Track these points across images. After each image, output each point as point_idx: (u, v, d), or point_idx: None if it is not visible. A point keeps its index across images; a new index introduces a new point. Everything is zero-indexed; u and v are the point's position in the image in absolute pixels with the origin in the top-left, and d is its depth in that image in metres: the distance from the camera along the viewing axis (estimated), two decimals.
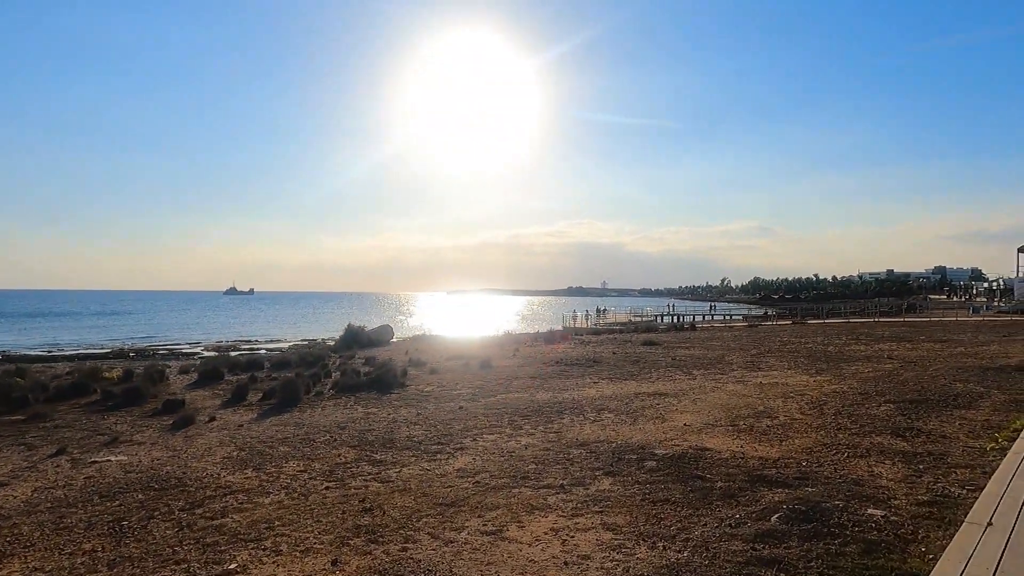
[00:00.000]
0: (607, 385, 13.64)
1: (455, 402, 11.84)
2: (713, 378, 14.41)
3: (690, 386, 13.19)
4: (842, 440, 8.03)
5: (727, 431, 8.71)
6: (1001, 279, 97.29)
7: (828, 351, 20.08)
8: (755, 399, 11.38)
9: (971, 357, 17.55)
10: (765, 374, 15.01)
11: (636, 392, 12.50)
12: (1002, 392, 11.66)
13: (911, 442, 7.88)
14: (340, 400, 12.50)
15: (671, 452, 7.53)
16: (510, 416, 10.18)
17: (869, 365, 16.29)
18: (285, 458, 7.82)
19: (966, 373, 14.19)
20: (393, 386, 14.00)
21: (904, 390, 11.98)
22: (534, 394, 12.56)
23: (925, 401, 10.75)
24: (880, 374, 14.47)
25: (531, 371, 16.38)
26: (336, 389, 13.80)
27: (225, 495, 6.36)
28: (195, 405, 12.19)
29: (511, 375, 15.63)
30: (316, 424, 10.02)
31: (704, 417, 9.75)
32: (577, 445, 8.05)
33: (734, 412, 10.13)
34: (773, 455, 7.34)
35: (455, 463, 7.37)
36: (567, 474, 6.76)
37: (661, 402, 11.22)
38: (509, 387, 13.62)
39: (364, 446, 8.35)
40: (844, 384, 13.03)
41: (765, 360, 17.85)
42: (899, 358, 17.77)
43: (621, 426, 9.22)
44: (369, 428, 9.57)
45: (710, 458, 7.25)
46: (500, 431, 9.06)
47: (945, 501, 5.57)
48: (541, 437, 8.61)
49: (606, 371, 16.01)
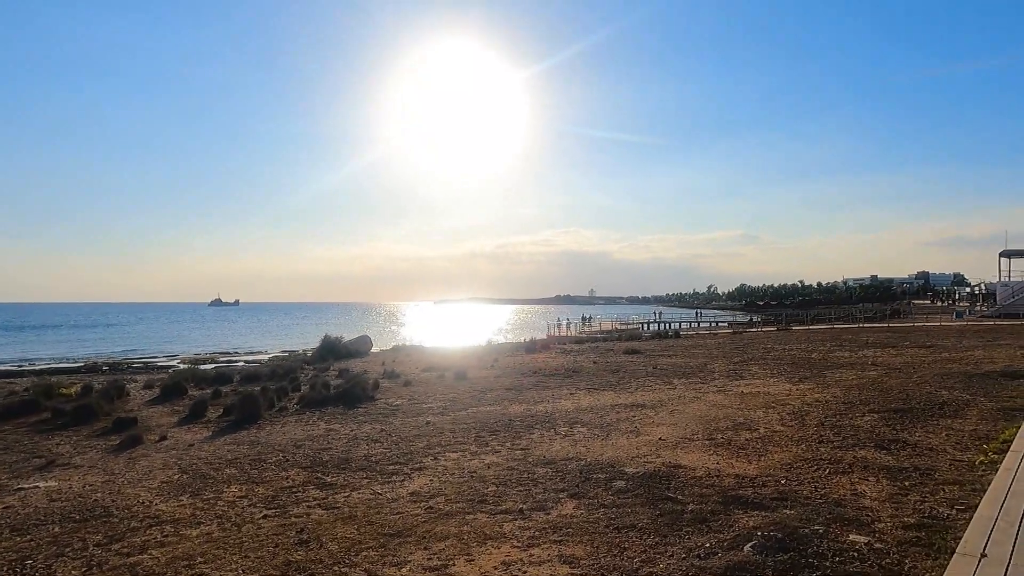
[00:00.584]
0: (584, 396, 13.15)
1: (423, 416, 11.30)
2: (694, 388, 13.96)
3: (669, 396, 12.73)
4: (824, 454, 7.58)
5: (704, 446, 8.24)
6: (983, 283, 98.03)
7: (812, 358, 19.72)
8: (735, 410, 10.94)
9: (956, 363, 17.25)
10: (747, 383, 14.58)
11: (613, 404, 12.02)
12: (988, 400, 11.30)
13: (896, 456, 7.45)
14: (304, 416, 11.91)
15: (642, 470, 7.04)
16: (478, 431, 9.66)
17: (853, 372, 15.92)
18: (228, 482, 7.25)
19: (951, 380, 13.85)
20: (362, 400, 13.43)
21: (888, 398, 11.59)
22: (507, 407, 12.04)
23: (910, 410, 10.36)
24: (864, 382, 14.09)
25: (508, 382, 15.87)
26: (302, 404, 13.21)
27: (151, 526, 5.78)
28: (149, 423, 11.56)
29: (486, 387, 15.11)
30: (272, 443, 9.44)
31: (681, 430, 9.28)
32: (544, 463, 7.54)
33: (712, 424, 9.67)
34: (751, 472, 6.87)
35: (410, 485, 6.84)
36: (528, 497, 6.24)
37: (638, 414, 10.75)
38: (482, 400, 13.09)
39: (316, 467, 7.79)
40: (827, 393, 12.63)
41: (748, 368, 17.45)
42: (883, 365, 17.43)
43: (593, 441, 8.72)
44: (327, 446, 9.00)
45: (683, 476, 6.77)
46: (465, 448, 8.54)
47: (933, 524, 5.11)
48: (507, 455, 8.10)
49: (584, 382, 15.52)
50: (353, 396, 13.54)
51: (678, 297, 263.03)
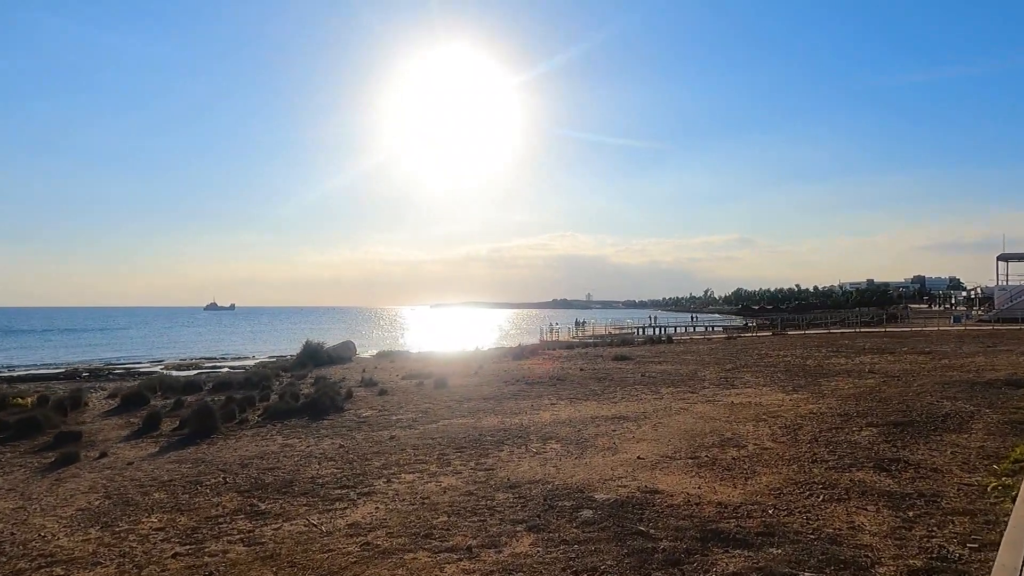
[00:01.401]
0: (565, 407, 12.39)
1: (389, 430, 10.53)
2: (682, 397, 13.21)
3: (655, 407, 11.98)
4: (817, 476, 6.84)
5: (686, 465, 7.49)
6: (980, 287, 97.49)
7: (807, 365, 18.99)
8: (723, 423, 10.19)
9: (957, 370, 16.54)
10: (738, 392, 13.84)
11: (594, 415, 11.26)
12: (994, 411, 10.57)
13: (897, 478, 6.71)
14: (264, 429, 11.14)
15: (614, 496, 6.29)
16: (443, 448, 8.90)
17: (850, 380, 15.19)
18: (151, 509, 6.47)
19: (953, 388, 13.13)
20: (329, 411, 12.66)
21: (888, 410, 10.86)
22: (481, 419, 11.28)
23: (911, 423, 9.62)
24: (862, 391, 13.36)
25: (488, 391, 15.11)
26: (266, 415, 12.43)
27: (40, 568, 5.01)
28: (95, 437, 10.78)
29: (465, 396, 14.35)
30: (218, 460, 8.66)
31: (663, 447, 8.53)
32: (506, 487, 6.78)
33: (697, 440, 8.92)
34: (735, 499, 6.12)
35: (352, 515, 6.07)
36: (481, 530, 5.48)
37: (618, 428, 9.99)
38: (457, 411, 12.33)
39: (255, 491, 7.02)
40: (822, 403, 11.89)
41: (740, 376, 16.71)
42: (881, 372, 16.71)
43: (565, 460, 7.96)
44: (276, 465, 8.23)
45: (659, 504, 6.01)
46: (424, 468, 7.77)
47: (945, 568, 4.37)
48: (468, 476, 7.33)
49: (568, 390, 14.76)
50: (321, 407, 12.78)
51: (675, 301, 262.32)
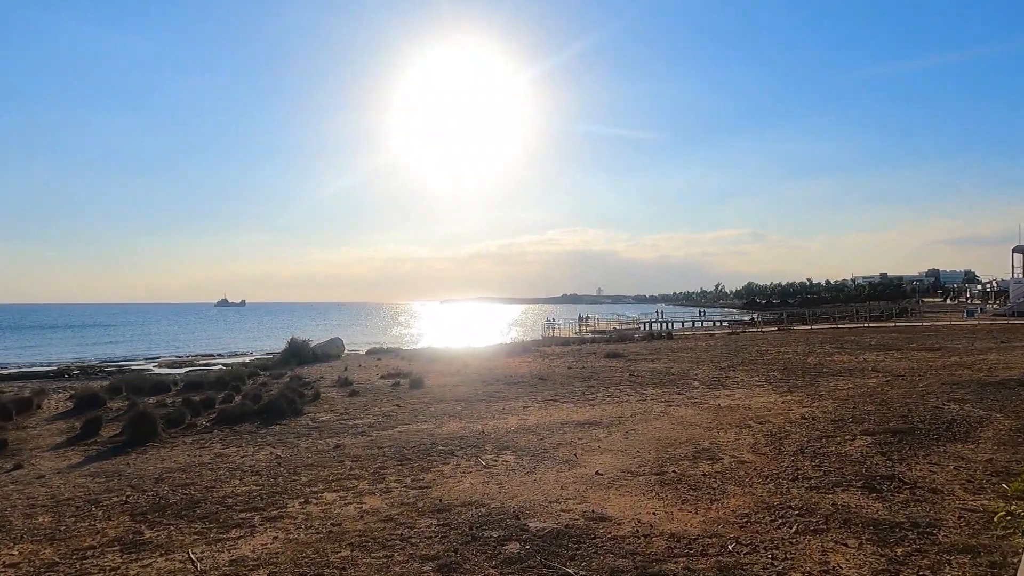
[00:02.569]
0: (538, 411, 11.48)
1: (339, 437, 9.67)
2: (666, 399, 12.26)
3: (633, 411, 11.04)
4: (795, 498, 5.89)
5: (647, 483, 6.56)
6: (995, 281, 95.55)
7: (807, 363, 17.96)
8: (703, 430, 9.24)
9: (967, 368, 15.47)
10: (728, 393, 12.87)
11: (565, 421, 10.34)
12: (1006, 416, 9.56)
13: (888, 502, 5.75)
14: (208, 435, 10.32)
15: (552, 524, 5.37)
16: (386, 460, 8.01)
17: (851, 380, 14.17)
18: (22, 537, 5.63)
19: (962, 389, 12.10)
20: (286, 415, 11.82)
21: (887, 414, 9.87)
22: (443, 424, 10.40)
23: (912, 431, 8.64)
24: (862, 392, 12.35)
25: (464, 392, 14.23)
26: (218, 419, 11.62)
27: None
28: (26, 444, 10.02)
29: (437, 398, 13.48)
30: (134, 474, 7.84)
31: (628, 459, 7.60)
32: (434, 511, 5.88)
33: (669, 451, 7.98)
34: (692, 529, 5.19)
35: (243, 547, 5.19)
36: (383, 569, 4.59)
37: (586, 436, 9.07)
38: (422, 414, 11.46)
39: (151, 513, 6.17)
40: (817, 406, 10.91)
41: (733, 375, 15.72)
42: (885, 371, 15.67)
43: (513, 476, 7.05)
44: (192, 481, 7.38)
45: (601, 536, 5.10)
46: (353, 485, 6.89)
47: None
48: (398, 496, 6.45)
49: (547, 391, 13.85)
50: (276, 410, 11.94)
51: (685, 296, 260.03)
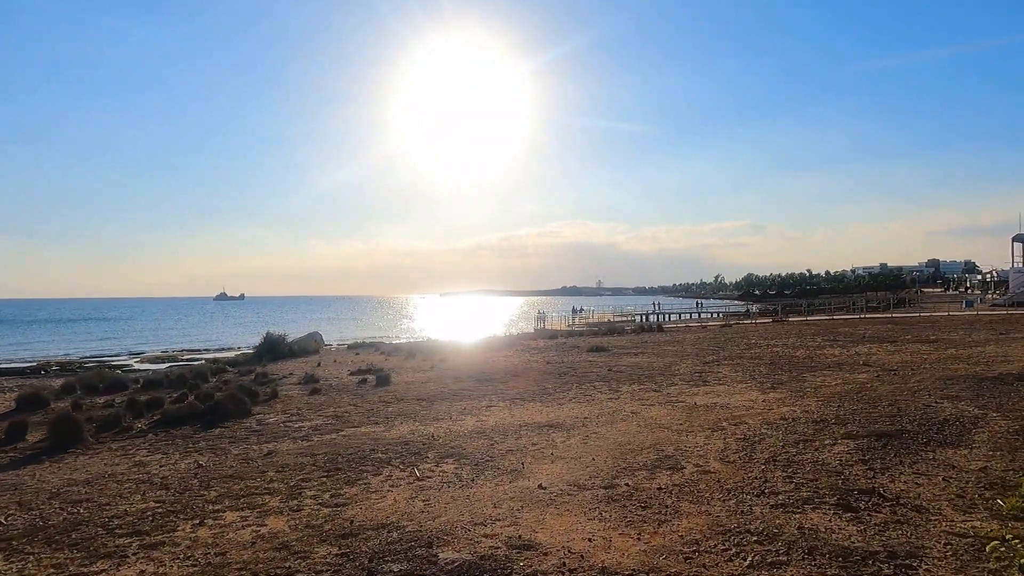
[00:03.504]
0: (500, 411, 10.69)
1: (278, 442, 8.88)
2: (640, 398, 11.46)
3: (602, 411, 10.24)
4: (756, 520, 5.08)
5: (593, 500, 5.76)
6: (995, 271, 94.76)
7: (796, 356, 17.14)
8: (672, 433, 8.44)
9: (963, 362, 14.66)
10: (708, 390, 12.07)
11: (525, 422, 9.54)
12: (1003, 415, 8.75)
13: (864, 524, 4.94)
14: (139, 440, 9.53)
15: (465, 556, 4.57)
16: (313, 470, 7.21)
17: (839, 376, 13.36)
18: None
19: (957, 385, 11.29)
20: (231, 416, 11.03)
21: (874, 414, 9.06)
22: (393, 427, 9.61)
23: (899, 433, 7.83)
24: (849, 389, 11.54)
25: (430, 389, 13.44)
26: (157, 422, 10.84)
27: None
28: None
29: (400, 396, 12.69)
30: (34, 487, 7.05)
31: (579, 469, 6.80)
32: (339, 536, 5.08)
33: (628, 459, 7.18)
34: (629, 561, 4.39)
35: None
36: None
37: (542, 440, 8.27)
38: (376, 415, 10.67)
39: (20, 538, 5.36)
40: (799, 405, 10.11)
41: (717, 370, 14.91)
42: (877, 365, 14.86)
43: (445, 490, 6.25)
44: (89, 497, 6.58)
45: (520, 571, 4.29)
46: (262, 503, 6.08)
47: None
48: (307, 515, 5.64)
49: (517, 389, 13.05)
50: (223, 411, 11.15)
51: (685, 287, 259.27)
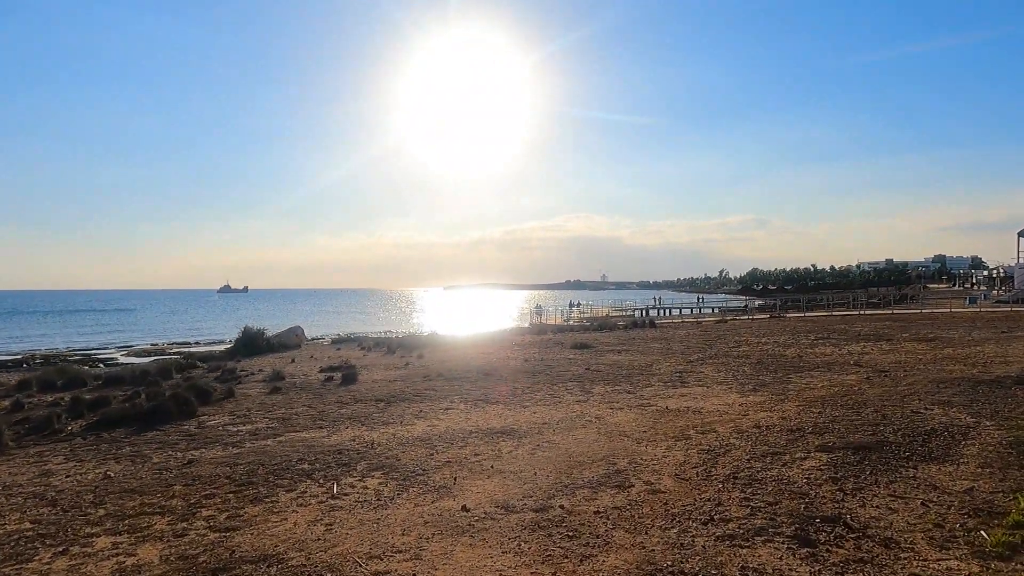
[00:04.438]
0: (458, 414, 9.98)
1: (208, 448, 8.19)
2: (610, 400, 10.73)
3: (565, 415, 9.52)
4: (696, 556, 4.36)
5: (516, 527, 5.04)
6: (1001, 267, 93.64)
7: (785, 355, 16.37)
8: (631, 442, 7.71)
9: (960, 363, 13.88)
10: (685, 392, 11.33)
11: (478, 428, 8.83)
12: (997, 424, 7.99)
13: (820, 564, 4.21)
14: (63, 445, 8.84)
15: None
16: (224, 483, 6.51)
17: (827, 377, 12.60)
18: None
19: (950, 389, 10.53)
20: (174, 417, 10.35)
21: (856, 422, 8.31)
22: (337, 432, 8.91)
23: (880, 446, 7.08)
24: (835, 392, 10.79)
25: (394, 388, 12.74)
26: (95, 423, 10.16)
27: None
28: None
29: (360, 396, 12.00)
30: None
31: (516, 486, 6.08)
32: (207, 572, 4.38)
33: (575, 473, 6.46)
34: None
35: None
36: None
37: (487, 450, 7.55)
38: (325, 418, 9.98)
39: None
40: (778, 411, 9.36)
41: (699, 370, 14.16)
42: (869, 365, 14.09)
43: (356, 512, 5.54)
44: None
45: None
46: (147, 524, 5.38)
47: None
48: (189, 542, 4.94)
49: (484, 389, 12.34)
50: (164, 412, 10.47)
51: (689, 282, 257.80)
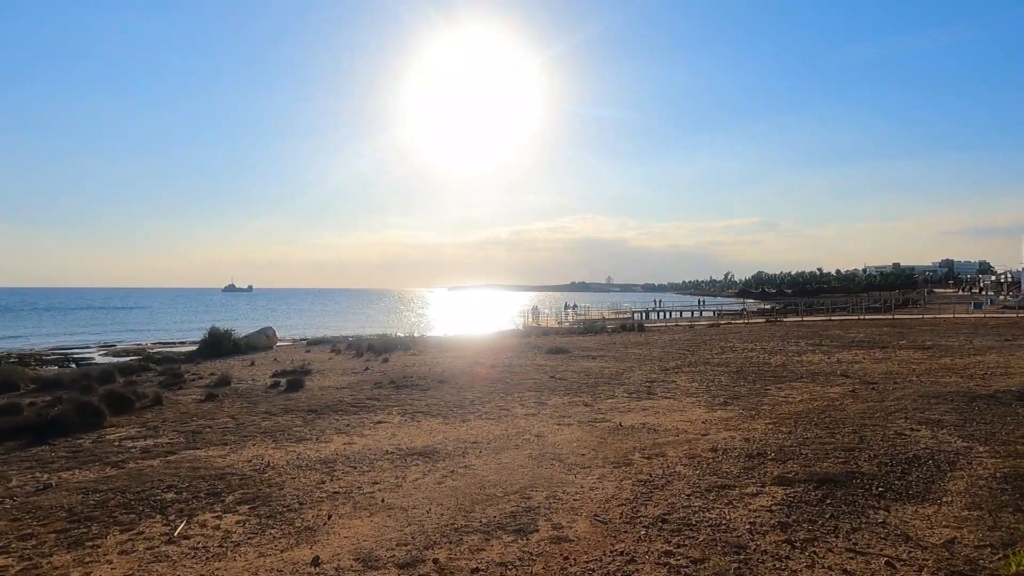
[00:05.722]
0: (385, 429, 8.90)
1: (82, 469, 7.16)
2: (561, 414, 9.63)
3: (504, 432, 8.42)
4: None
5: None
6: (1009, 272, 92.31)
7: (769, 364, 15.20)
8: (562, 469, 6.61)
9: (957, 374, 12.71)
10: (648, 405, 10.22)
11: (396, 448, 7.74)
12: (991, 451, 6.86)
13: None
14: None
15: None
16: (58, 519, 5.45)
17: (808, 389, 11.46)
18: None
19: (943, 405, 9.38)
20: (72, 430, 9.30)
21: (829, 446, 7.18)
22: (241, 450, 7.84)
23: (849, 478, 5.95)
24: (814, 407, 9.65)
25: (334, 397, 11.69)
26: None
27: None
28: None
29: (294, 406, 10.95)
30: None
31: (395, 530, 4.99)
32: None
33: (474, 512, 5.36)
34: None
35: None
36: None
37: (388, 477, 6.46)
38: (237, 433, 8.92)
39: None
40: (743, 429, 8.24)
41: (672, 379, 13.03)
42: (857, 375, 12.93)
43: (185, 564, 4.45)
44: None
45: None
46: None
47: None
48: None
49: (429, 399, 11.25)
50: (66, 424, 9.42)
51: (695, 285, 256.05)
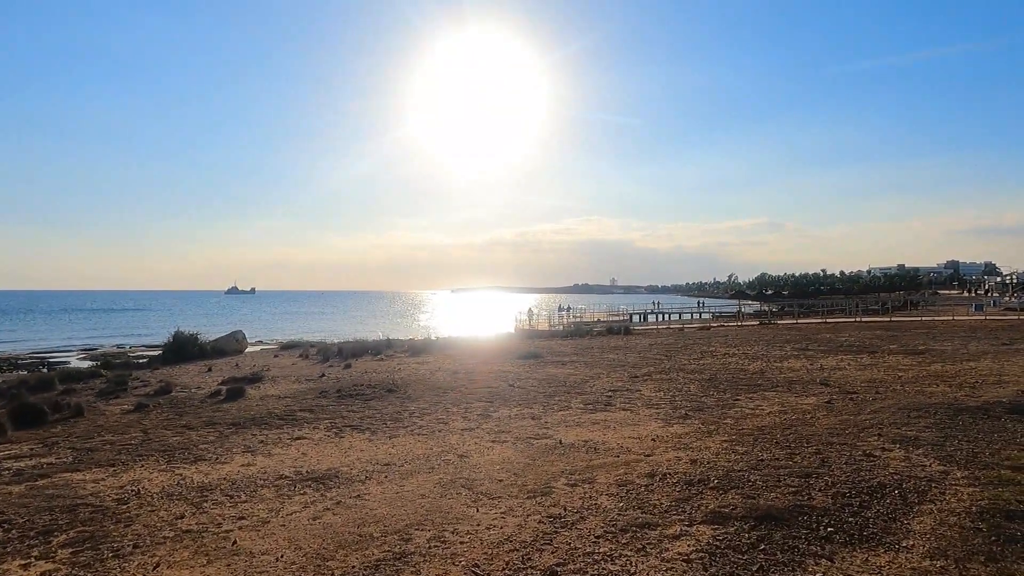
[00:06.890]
0: (299, 447, 8.04)
1: None
2: (501, 429, 8.73)
3: (426, 451, 7.54)
4: None
5: None
6: (1015, 273, 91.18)
7: (746, 370, 14.25)
8: (467, 498, 5.72)
9: (946, 382, 11.76)
10: (601, 418, 9.32)
11: (296, 471, 6.88)
12: (971, 476, 5.93)
13: None
14: None
15: None
16: None
17: (780, 399, 10.53)
18: None
19: (924, 419, 8.44)
20: None
21: (783, 470, 6.26)
22: (125, 472, 6.99)
23: (797, 514, 5.04)
24: (781, 421, 8.73)
25: (270, 408, 10.84)
26: None
27: None
28: None
29: (222, 417, 10.12)
30: None
31: None
32: None
33: (335, 560, 4.48)
34: None
35: None
36: None
37: (262, 509, 5.58)
38: (137, 451, 8.08)
39: None
40: (695, 448, 7.33)
41: (637, 388, 12.11)
42: (838, 384, 11.98)
43: None
44: None
45: None
46: None
47: None
48: None
49: (368, 410, 10.38)
50: None
51: (699, 287, 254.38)
